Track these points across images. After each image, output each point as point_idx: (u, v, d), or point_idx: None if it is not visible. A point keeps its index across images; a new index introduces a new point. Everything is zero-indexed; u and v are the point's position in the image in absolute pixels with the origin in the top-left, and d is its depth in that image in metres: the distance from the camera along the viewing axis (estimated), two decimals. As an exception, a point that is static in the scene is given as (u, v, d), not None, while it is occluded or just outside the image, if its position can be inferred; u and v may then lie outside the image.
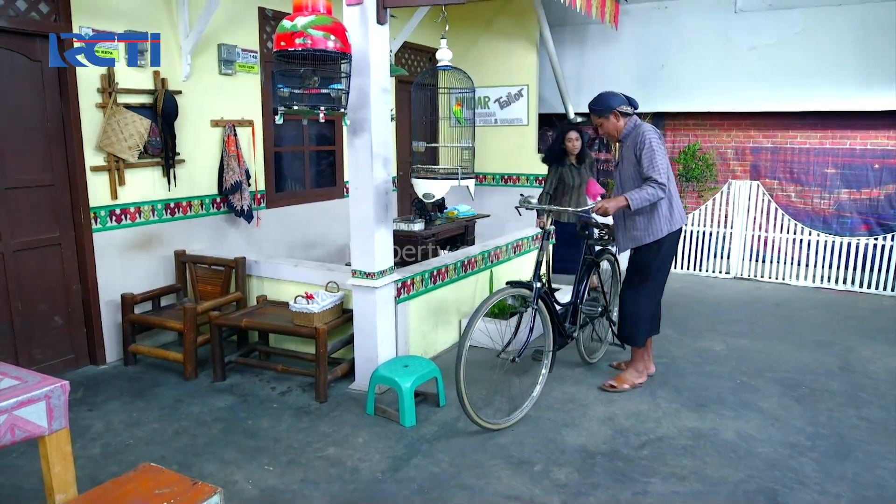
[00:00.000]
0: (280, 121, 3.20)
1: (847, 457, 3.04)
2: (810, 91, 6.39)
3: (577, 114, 7.55)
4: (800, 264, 6.55)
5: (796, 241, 6.54)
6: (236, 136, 4.81)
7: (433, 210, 5.90)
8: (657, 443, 3.17)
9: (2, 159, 3.64)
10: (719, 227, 6.81)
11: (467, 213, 6.18)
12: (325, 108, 3.15)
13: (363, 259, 3.68)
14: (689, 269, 6.95)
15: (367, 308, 3.71)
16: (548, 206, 3.91)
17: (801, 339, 4.76)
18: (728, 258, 6.82)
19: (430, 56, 7.27)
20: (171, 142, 4.38)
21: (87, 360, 4.15)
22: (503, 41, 7.47)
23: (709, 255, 6.88)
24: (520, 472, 2.89)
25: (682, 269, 6.95)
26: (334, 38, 2.99)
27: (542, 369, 3.62)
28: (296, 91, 3.10)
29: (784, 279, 6.55)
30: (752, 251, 6.73)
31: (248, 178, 4.89)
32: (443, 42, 3.70)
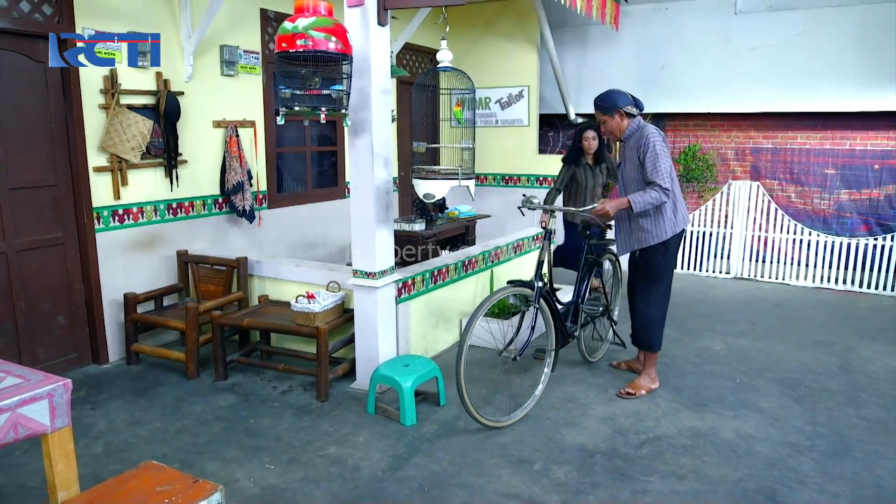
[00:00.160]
0: (281, 121, 3.23)
1: (846, 456, 3.05)
2: (810, 92, 6.40)
3: (577, 114, 7.57)
4: (800, 264, 6.55)
5: (796, 241, 6.54)
6: (238, 136, 4.83)
7: (434, 210, 5.92)
8: (656, 442, 3.18)
9: (6, 160, 3.66)
10: (719, 227, 6.82)
11: (468, 214, 6.20)
12: (327, 108, 3.17)
13: (364, 259, 3.70)
14: (689, 269, 6.96)
15: (368, 308, 3.73)
16: (549, 206, 3.93)
17: (800, 338, 4.77)
18: (728, 258, 6.82)
19: (431, 57, 7.29)
20: (174, 142, 4.41)
21: (90, 359, 4.18)
22: (504, 42, 7.48)
23: (709, 256, 6.89)
24: (519, 471, 2.90)
25: (682, 269, 6.96)
26: (335, 40, 3.00)
27: (545, 368, 3.63)
28: (297, 92, 3.12)
29: (784, 279, 6.55)
30: (752, 251, 6.73)
31: (249, 178, 4.91)
32: (443, 43, 3.72)
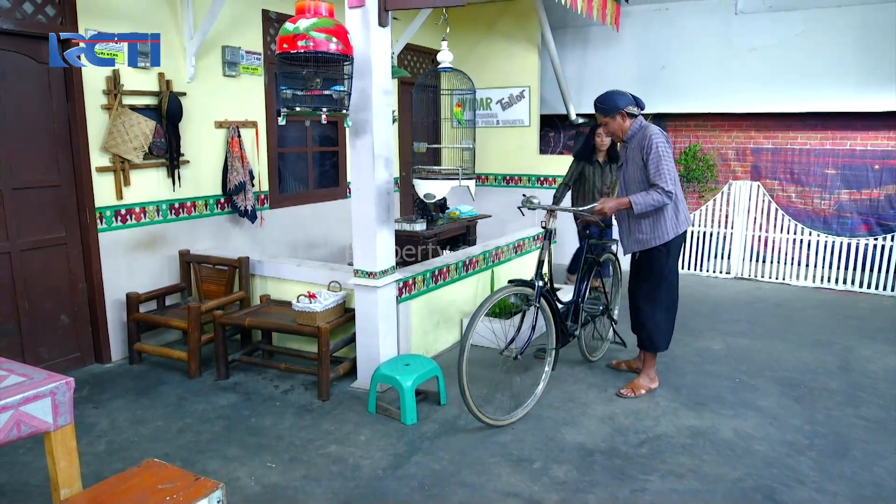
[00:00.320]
0: (283, 122, 3.24)
1: (845, 455, 3.06)
2: (811, 92, 6.41)
3: (578, 115, 7.58)
4: (800, 264, 6.56)
5: (796, 241, 6.55)
6: (240, 137, 4.85)
7: (435, 210, 5.93)
8: (656, 441, 3.19)
9: (9, 160, 3.68)
10: (720, 227, 6.82)
11: (469, 214, 6.21)
12: (328, 109, 3.18)
13: (365, 259, 3.71)
14: (689, 269, 6.96)
15: (369, 307, 3.75)
16: (548, 206, 3.93)
17: (800, 338, 4.78)
18: (728, 258, 6.83)
19: (432, 58, 7.30)
20: (176, 143, 4.43)
21: (93, 358, 4.20)
22: (505, 43, 7.49)
23: (709, 256, 6.90)
24: (519, 470, 2.92)
25: (682, 269, 6.95)
26: (336, 41, 3.02)
27: (546, 367, 3.64)
28: (298, 93, 3.13)
29: (784, 279, 6.56)
30: (752, 251, 6.74)
31: (251, 178, 4.93)
32: (444, 44, 3.73)
